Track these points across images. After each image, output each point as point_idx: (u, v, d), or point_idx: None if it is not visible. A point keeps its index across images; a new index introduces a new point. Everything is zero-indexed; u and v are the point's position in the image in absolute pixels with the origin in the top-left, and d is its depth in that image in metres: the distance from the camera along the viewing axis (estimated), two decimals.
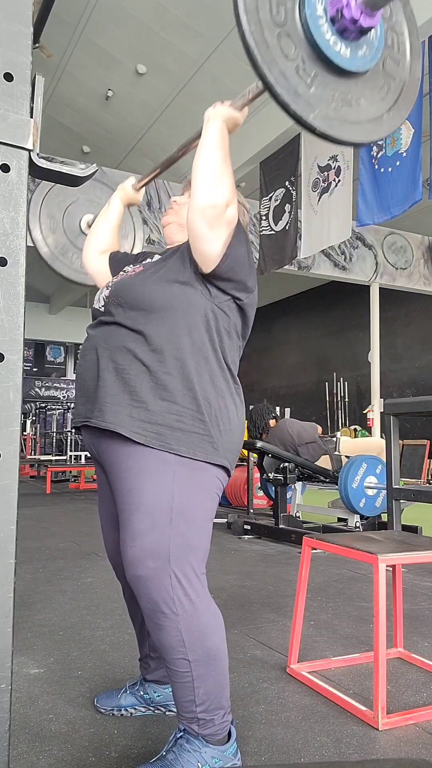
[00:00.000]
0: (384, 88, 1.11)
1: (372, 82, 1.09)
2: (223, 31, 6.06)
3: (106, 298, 1.38)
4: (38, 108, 0.89)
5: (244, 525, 4.51)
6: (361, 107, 1.07)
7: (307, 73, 1.00)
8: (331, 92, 1.03)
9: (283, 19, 0.99)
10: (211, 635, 1.24)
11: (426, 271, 9.56)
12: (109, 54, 6.64)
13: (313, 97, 1.00)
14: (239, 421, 1.35)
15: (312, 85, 1.00)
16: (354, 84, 1.06)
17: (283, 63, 0.97)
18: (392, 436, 3.24)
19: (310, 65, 1.00)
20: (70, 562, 3.50)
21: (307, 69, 1.00)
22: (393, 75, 1.12)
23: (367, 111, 1.08)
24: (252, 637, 2.20)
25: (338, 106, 1.03)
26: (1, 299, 0.80)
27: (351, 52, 1.03)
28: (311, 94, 1.00)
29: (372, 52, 1.06)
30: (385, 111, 1.10)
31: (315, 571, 3.25)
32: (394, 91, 1.12)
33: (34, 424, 13.18)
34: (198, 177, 1.25)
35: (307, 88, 0.99)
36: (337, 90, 1.03)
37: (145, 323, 1.29)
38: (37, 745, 1.42)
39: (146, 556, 1.20)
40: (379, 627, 1.57)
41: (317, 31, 0.99)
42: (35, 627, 2.30)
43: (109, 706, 1.57)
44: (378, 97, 1.09)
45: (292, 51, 0.99)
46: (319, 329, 13.09)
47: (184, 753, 1.23)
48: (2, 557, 0.78)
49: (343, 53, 1.02)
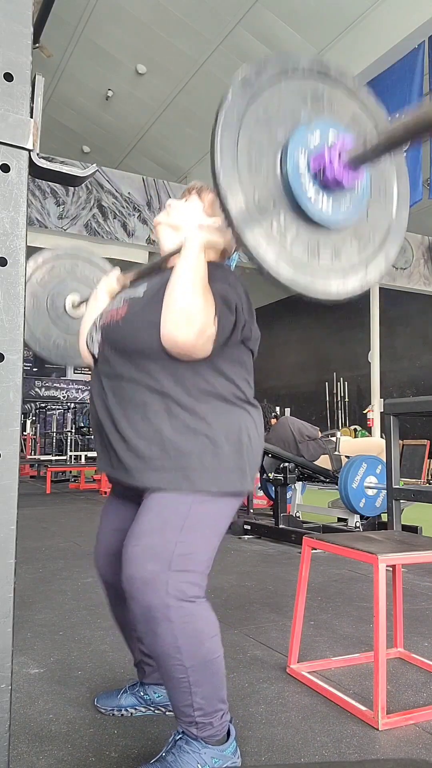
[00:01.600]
0: (366, 239, 1.07)
1: (356, 232, 1.05)
2: (223, 31, 6.06)
3: (99, 344, 1.36)
4: (38, 108, 0.88)
5: (244, 525, 4.51)
6: (341, 260, 1.03)
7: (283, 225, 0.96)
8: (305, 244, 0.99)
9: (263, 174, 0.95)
10: (207, 641, 1.22)
11: (426, 271, 9.56)
12: (109, 54, 6.64)
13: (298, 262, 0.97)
14: (260, 440, 1.35)
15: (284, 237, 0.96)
16: (335, 236, 1.02)
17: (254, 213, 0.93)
18: (392, 436, 3.24)
19: (288, 216, 0.97)
20: (70, 562, 3.50)
21: (285, 220, 0.96)
22: (376, 225, 1.09)
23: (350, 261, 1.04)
24: (252, 637, 2.20)
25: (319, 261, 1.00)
26: (1, 299, 0.80)
27: (333, 205, 0.99)
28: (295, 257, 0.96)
29: (356, 204, 1.03)
30: (362, 262, 1.06)
31: (315, 571, 3.25)
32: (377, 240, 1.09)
33: (34, 424, 13.17)
34: (168, 311, 1.21)
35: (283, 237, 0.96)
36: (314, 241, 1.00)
37: (142, 371, 1.26)
38: (37, 745, 1.42)
39: (147, 558, 1.19)
40: (379, 627, 1.57)
41: (297, 186, 0.96)
42: (35, 627, 2.30)
43: (109, 706, 1.57)
44: (356, 250, 1.06)
45: (271, 206, 0.96)
46: (319, 329, 13.08)
47: (183, 754, 1.22)
48: (2, 557, 0.78)
49: (324, 208, 0.98)
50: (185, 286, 1.19)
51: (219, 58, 6.34)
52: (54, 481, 8.90)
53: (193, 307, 1.18)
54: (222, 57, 6.33)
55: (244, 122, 0.95)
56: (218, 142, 0.92)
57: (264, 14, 5.83)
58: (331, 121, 1.03)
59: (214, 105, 0.94)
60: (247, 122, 0.95)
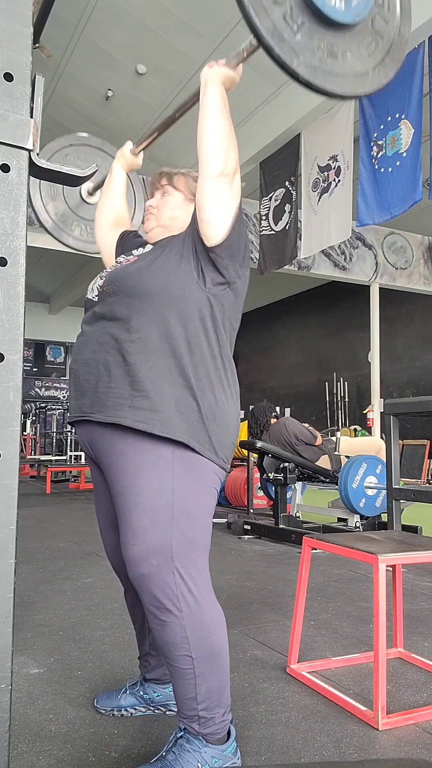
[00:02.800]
0: (371, 44, 1.11)
1: (360, 38, 1.09)
2: (223, 31, 6.06)
3: (99, 288, 1.37)
4: (38, 108, 0.88)
5: (244, 525, 4.51)
6: (346, 61, 1.07)
7: (294, 20, 1.00)
8: (317, 42, 1.03)
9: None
10: (215, 633, 1.24)
11: (426, 271, 9.56)
12: (109, 54, 6.64)
13: (298, 45, 1.01)
14: (234, 416, 1.35)
15: (298, 32, 1.01)
16: (341, 37, 1.06)
17: (270, 6, 0.98)
18: (392, 436, 3.24)
19: (298, 12, 1.01)
20: (70, 562, 3.50)
21: (295, 16, 1.01)
22: (381, 33, 1.13)
23: (352, 65, 1.08)
24: (252, 637, 2.20)
25: (323, 57, 1.04)
26: (1, 299, 0.80)
27: (345, 3, 1.04)
28: (296, 41, 1.00)
29: (364, 3, 1.06)
30: (370, 67, 1.11)
31: (315, 571, 3.25)
32: (381, 49, 1.13)
33: (34, 424, 13.18)
34: (208, 144, 1.25)
35: (292, 34, 1.00)
36: (323, 40, 1.04)
37: (140, 312, 1.28)
38: (37, 745, 1.42)
39: (149, 554, 1.20)
40: (379, 627, 1.57)
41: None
42: (35, 627, 2.30)
43: (109, 706, 1.57)
44: (365, 53, 1.10)
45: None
46: (319, 329, 13.08)
47: (184, 753, 1.23)
48: (2, 557, 0.78)
49: (336, 4, 1.03)
50: (217, 119, 1.25)
51: (219, 58, 6.34)
52: (54, 481, 8.90)
53: (225, 129, 1.25)
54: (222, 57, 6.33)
55: None
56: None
57: None
58: None
59: None
60: None
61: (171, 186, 1.50)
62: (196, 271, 1.30)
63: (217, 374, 1.31)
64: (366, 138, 5.50)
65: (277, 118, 6.51)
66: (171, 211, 1.48)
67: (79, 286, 12.27)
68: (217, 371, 1.31)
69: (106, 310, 1.33)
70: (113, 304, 1.32)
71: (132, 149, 1.69)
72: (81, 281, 12.04)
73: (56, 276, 12.77)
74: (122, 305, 1.30)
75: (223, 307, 1.33)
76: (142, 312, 1.28)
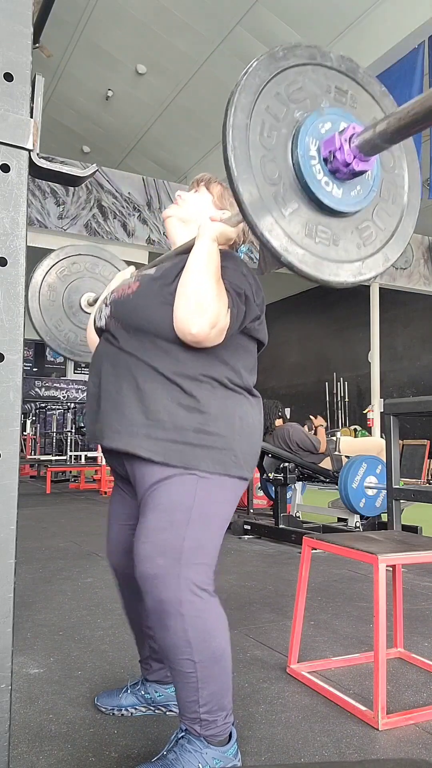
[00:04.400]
0: (368, 236, 1.07)
1: (356, 226, 1.06)
2: (223, 31, 6.06)
3: (107, 318, 1.36)
4: (38, 108, 0.88)
5: (244, 525, 4.51)
6: (338, 248, 1.03)
7: (285, 203, 0.96)
8: (307, 226, 0.99)
9: (273, 144, 0.96)
10: (217, 637, 1.23)
11: (426, 271, 9.56)
12: (109, 54, 6.64)
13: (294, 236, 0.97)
14: (258, 426, 1.36)
15: (288, 217, 0.96)
16: (336, 222, 1.03)
17: (262, 184, 0.93)
18: (392, 436, 3.24)
19: (291, 195, 0.97)
20: (70, 562, 3.50)
21: (287, 199, 0.96)
22: (381, 226, 1.09)
23: (347, 253, 1.04)
24: (252, 637, 2.20)
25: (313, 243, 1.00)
26: (1, 299, 0.80)
27: (343, 192, 1.00)
28: (285, 227, 0.96)
29: (366, 193, 1.03)
30: (360, 258, 1.06)
31: (315, 571, 3.25)
32: (379, 240, 1.09)
33: (34, 424, 13.17)
34: (182, 301, 1.21)
35: (281, 216, 0.96)
36: (315, 225, 1.00)
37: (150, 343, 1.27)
38: (37, 745, 1.42)
39: (157, 554, 1.20)
40: (379, 627, 1.57)
41: (308, 169, 0.96)
42: (35, 627, 2.30)
43: (109, 705, 1.57)
44: (356, 240, 1.06)
45: (276, 176, 0.96)
46: (319, 329, 13.09)
47: (185, 753, 1.23)
48: (2, 557, 0.78)
49: (333, 191, 0.99)
50: (199, 277, 1.20)
51: (219, 58, 6.34)
52: (54, 481, 8.90)
53: (207, 298, 1.18)
54: (222, 57, 6.33)
55: (261, 94, 0.96)
56: (233, 110, 0.92)
57: (264, 14, 5.83)
58: (347, 113, 1.03)
59: (214, 105, 0.95)
60: (265, 95, 0.96)
61: (206, 188, 1.50)
62: None
63: (237, 389, 1.32)
64: None
65: None
66: (195, 207, 1.48)
67: None
68: (236, 386, 1.32)
69: (113, 344, 1.32)
70: (121, 339, 1.31)
71: (133, 273, 1.63)
72: None
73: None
74: (130, 338, 1.29)
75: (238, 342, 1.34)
76: (151, 342, 1.27)
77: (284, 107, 0.98)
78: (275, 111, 0.97)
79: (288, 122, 0.98)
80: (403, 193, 1.13)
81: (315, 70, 1.03)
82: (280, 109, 0.98)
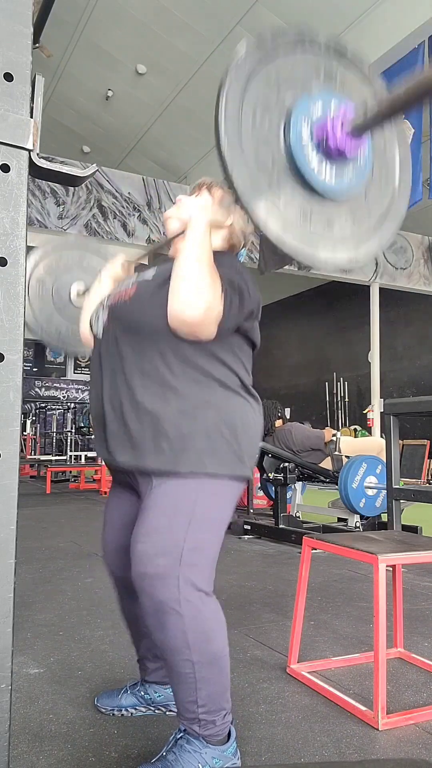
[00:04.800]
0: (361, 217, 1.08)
1: (350, 208, 1.06)
2: (223, 31, 6.06)
3: (105, 324, 1.36)
4: (38, 108, 0.88)
5: (244, 525, 4.51)
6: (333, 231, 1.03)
7: (279, 189, 0.97)
8: (302, 210, 0.99)
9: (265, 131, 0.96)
10: (216, 638, 1.23)
11: (426, 271, 9.56)
12: (109, 54, 6.64)
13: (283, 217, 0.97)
14: (259, 426, 1.36)
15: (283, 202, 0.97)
16: (330, 206, 1.03)
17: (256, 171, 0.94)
18: (392, 436, 3.24)
19: (285, 180, 0.97)
20: (70, 562, 3.50)
21: (281, 184, 0.97)
22: (374, 207, 1.10)
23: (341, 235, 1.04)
24: (252, 637, 2.20)
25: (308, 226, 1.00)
26: (1, 299, 0.80)
27: (335, 174, 1.00)
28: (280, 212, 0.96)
29: (358, 176, 1.03)
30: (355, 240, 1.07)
31: (315, 571, 3.25)
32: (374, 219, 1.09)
33: (34, 424, 13.17)
34: (175, 286, 1.21)
35: (277, 202, 0.96)
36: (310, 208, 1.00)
37: (147, 348, 1.27)
38: (37, 745, 1.42)
39: (157, 554, 1.20)
40: (379, 627, 1.57)
41: (300, 154, 0.96)
42: (35, 627, 2.30)
43: (109, 706, 1.57)
44: (350, 223, 1.06)
45: (269, 162, 0.96)
46: (319, 329, 13.08)
47: (184, 753, 1.23)
48: (2, 557, 0.78)
49: (326, 176, 0.99)
50: (192, 262, 1.21)
51: (219, 58, 6.34)
52: (54, 481, 8.90)
53: (201, 283, 1.19)
54: (222, 57, 6.32)
55: (251, 82, 0.95)
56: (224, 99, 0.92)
57: (264, 14, 5.83)
58: (338, 95, 1.03)
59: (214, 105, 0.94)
60: (256, 83, 0.96)
61: (207, 191, 1.49)
62: None
63: (237, 390, 1.32)
64: None
65: None
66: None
67: None
68: (235, 387, 1.32)
69: (112, 351, 1.32)
70: (118, 345, 1.31)
71: (123, 263, 1.63)
72: None
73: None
74: (129, 342, 1.29)
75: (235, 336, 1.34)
76: (149, 347, 1.27)
77: (275, 93, 0.99)
78: (266, 97, 0.98)
79: (279, 108, 0.99)
80: (394, 174, 1.14)
81: (304, 54, 1.03)
82: (270, 95, 0.98)
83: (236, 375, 1.33)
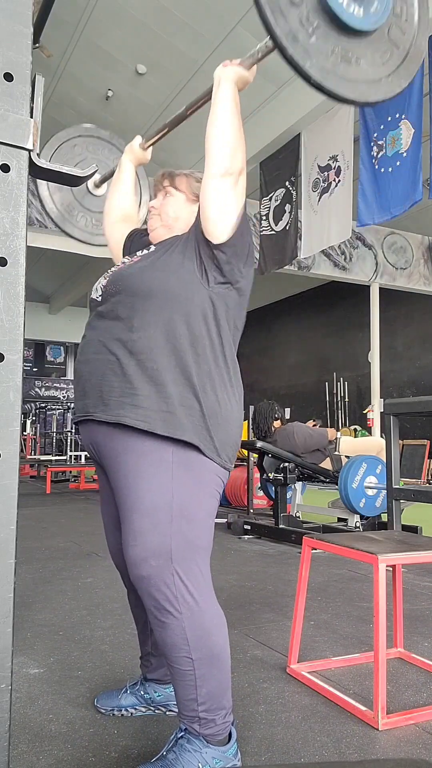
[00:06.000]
0: (386, 53, 1.12)
1: (375, 45, 1.10)
2: (223, 32, 6.05)
3: (103, 288, 1.38)
4: (38, 108, 0.89)
5: (244, 525, 4.50)
6: (360, 67, 1.08)
7: (310, 23, 1.01)
8: (332, 46, 1.04)
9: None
10: (215, 634, 1.24)
11: (426, 271, 9.56)
12: (109, 54, 6.64)
13: (312, 47, 1.02)
14: (237, 417, 1.34)
15: (313, 35, 1.02)
16: (356, 43, 1.07)
17: (287, 8, 0.99)
18: (392, 436, 3.24)
19: (314, 16, 1.02)
20: (70, 562, 3.50)
21: (311, 19, 1.02)
22: (397, 43, 1.14)
23: (365, 72, 1.09)
24: (252, 637, 2.20)
25: (337, 61, 1.05)
26: (1, 299, 0.80)
27: (363, 10, 1.04)
28: (311, 44, 1.01)
29: (381, 11, 1.07)
30: (384, 76, 1.11)
31: (315, 571, 3.25)
32: (396, 58, 1.13)
33: (34, 424, 13.18)
34: (216, 142, 1.26)
35: (307, 36, 1.01)
36: (338, 45, 1.05)
37: (143, 311, 1.28)
38: (37, 745, 1.42)
39: (148, 556, 1.20)
40: (379, 627, 1.57)
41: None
42: (35, 627, 2.30)
43: (109, 706, 1.57)
44: (379, 61, 1.11)
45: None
46: (319, 329, 13.08)
47: (184, 753, 1.23)
48: (2, 557, 0.78)
49: (353, 10, 1.04)
50: (227, 118, 1.26)
51: (219, 58, 6.33)
52: (54, 481, 8.90)
53: (236, 138, 1.25)
54: (222, 57, 6.32)
55: None
56: None
57: None
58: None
59: None
60: None
61: (173, 187, 1.50)
62: (199, 270, 1.30)
63: (220, 374, 1.31)
64: (366, 138, 5.51)
65: (278, 118, 6.51)
66: (173, 212, 1.48)
67: (79, 286, 12.26)
68: (219, 371, 1.31)
69: (109, 310, 1.33)
70: (116, 304, 1.32)
71: (141, 143, 1.68)
72: (81, 281, 12.04)
73: (56, 276, 12.77)
74: (125, 305, 1.30)
75: (227, 307, 1.33)
76: (145, 311, 1.28)
77: None
78: None
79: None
80: (413, 11, 1.17)
81: None
82: None
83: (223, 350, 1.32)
